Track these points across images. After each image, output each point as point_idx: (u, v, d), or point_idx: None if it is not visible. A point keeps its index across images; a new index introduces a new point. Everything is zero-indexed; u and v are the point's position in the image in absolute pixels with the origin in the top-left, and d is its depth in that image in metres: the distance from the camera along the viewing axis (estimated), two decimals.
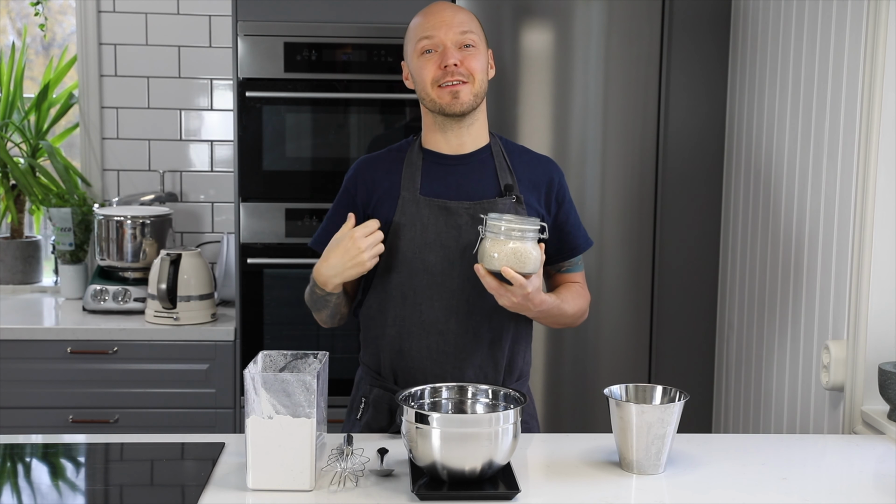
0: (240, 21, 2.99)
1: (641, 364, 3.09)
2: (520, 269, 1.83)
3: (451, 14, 2.02)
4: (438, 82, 1.99)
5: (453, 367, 2.01)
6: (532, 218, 1.89)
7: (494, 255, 1.83)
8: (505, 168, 2.06)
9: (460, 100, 1.99)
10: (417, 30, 2.03)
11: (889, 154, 2.11)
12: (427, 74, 2.00)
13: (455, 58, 1.98)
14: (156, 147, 3.64)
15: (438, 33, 2.00)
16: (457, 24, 2.00)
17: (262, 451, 1.65)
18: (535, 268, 1.85)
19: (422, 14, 2.05)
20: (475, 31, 2.03)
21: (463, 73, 1.98)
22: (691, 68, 3.05)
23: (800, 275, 2.47)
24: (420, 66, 2.02)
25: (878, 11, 2.09)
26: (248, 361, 2.92)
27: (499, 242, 1.84)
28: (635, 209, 3.04)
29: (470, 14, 2.06)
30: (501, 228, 1.83)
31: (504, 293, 1.86)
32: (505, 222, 1.84)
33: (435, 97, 2.00)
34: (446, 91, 1.99)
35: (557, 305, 1.99)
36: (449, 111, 2.00)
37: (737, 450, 1.93)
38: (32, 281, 3.69)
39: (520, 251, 1.83)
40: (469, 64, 1.99)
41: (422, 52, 2.01)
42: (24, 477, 1.79)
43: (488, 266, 1.85)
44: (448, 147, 2.06)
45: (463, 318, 2.00)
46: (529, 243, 1.84)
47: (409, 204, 2.01)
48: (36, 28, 3.66)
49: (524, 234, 1.84)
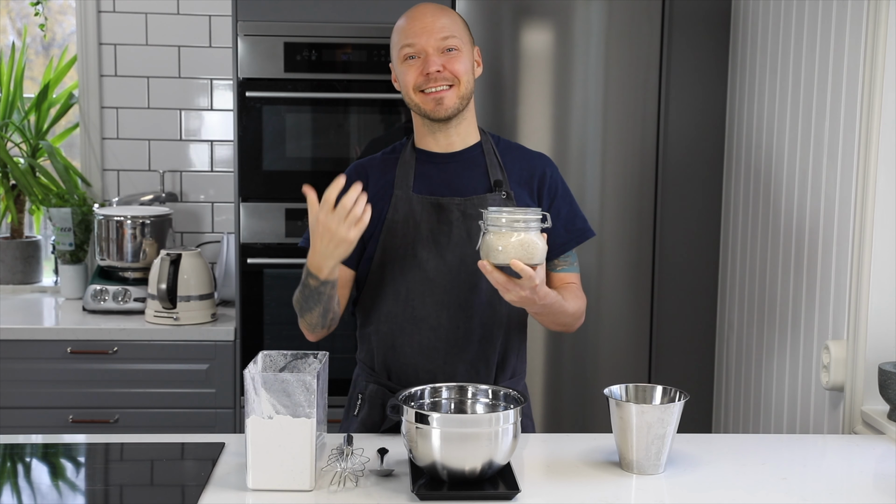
0: (240, 21, 2.99)
1: (641, 364, 3.09)
2: (528, 261, 1.78)
3: (432, 19, 2.00)
4: (421, 88, 1.99)
5: (444, 362, 2.01)
6: (533, 207, 1.87)
7: (499, 248, 1.78)
8: (496, 164, 2.06)
9: (444, 105, 1.99)
10: (399, 35, 2.03)
11: (889, 154, 2.11)
12: (409, 80, 2.00)
13: (437, 64, 1.97)
14: (156, 147, 3.64)
15: (420, 40, 1.99)
16: (438, 29, 1.99)
17: (262, 451, 1.65)
18: (542, 258, 1.81)
19: (404, 18, 2.04)
20: (457, 33, 2.01)
21: (447, 77, 1.98)
22: (691, 68, 3.05)
23: (800, 275, 2.47)
24: (403, 71, 2.02)
25: (878, 11, 2.09)
26: (248, 361, 2.92)
27: (502, 235, 1.78)
28: (635, 209, 3.04)
29: (453, 15, 2.05)
30: (503, 221, 1.78)
31: (512, 287, 1.81)
32: (506, 214, 1.79)
33: (419, 102, 2.01)
34: (430, 97, 1.99)
35: (559, 302, 1.96)
36: (434, 117, 2.01)
37: (737, 450, 1.93)
38: (32, 281, 3.69)
39: (526, 242, 1.78)
40: (453, 67, 1.99)
41: (405, 59, 2.01)
42: (24, 477, 1.79)
43: (494, 261, 1.79)
44: (438, 146, 2.07)
45: (454, 314, 2.00)
46: (534, 233, 1.79)
47: (402, 201, 2.02)
48: (36, 28, 3.66)
49: (528, 225, 1.79)
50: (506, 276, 1.80)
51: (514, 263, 1.77)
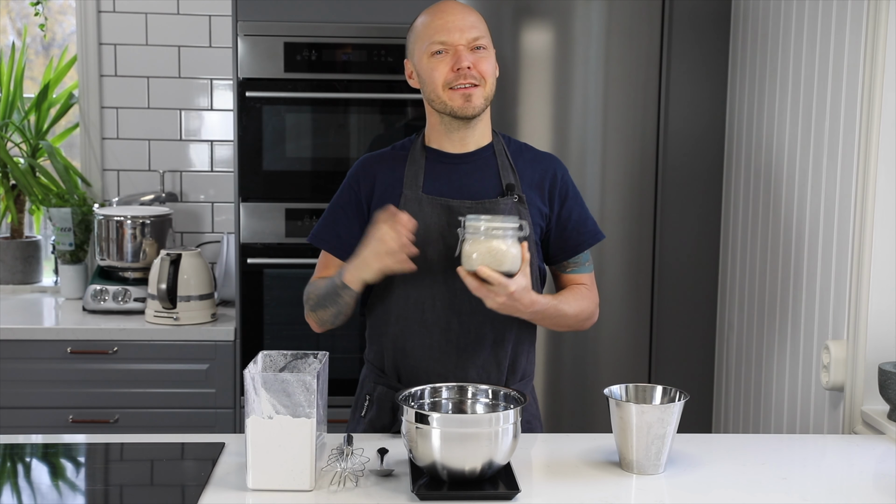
0: (240, 21, 2.99)
1: (641, 364, 3.09)
2: (496, 268, 1.80)
3: (461, 16, 1.98)
4: (450, 84, 1.97)
5: (455, 366, 2.00)
6: (510, 216, 1.87)
7: (473, 255, 1.81)
8: (507, 167, 2.05)
9: (472, 103, 1.97)
10: (427, 30, 1.99)
11: (889, 154, 2.11)
12: (438, 76, 1.97)
13: (468, 60, 1.95)
14: (156, 147, 3.64)
15: (451, 36, 1.96)
16: (468, 26, 1.98)
17: (262, 451, 1.65)
18: (514, 266, 1.82)
19: (431, 14, 2.01)
20: (484, 33, 2.01)
21: (475, 76, 1.96)
22: (691, 68, 3.05)
23: (800, 275, 2.47)
24: (431, 67, 1.98)
25: (878, 11, 2.09)
26: (248, 361, 2.92)
27: (476, 243, 1.82)
28: (635, 209, 3.04)
29: (478, 14, 2.04)
30: (481, 229, 1.81)
31: (485, 293, 1.83)
32: (484, 222, 1.82)
33: (446, 99, 1.98)
34: (458, 94, 1.97)
35: (554, 306, 1.96)
36: (461, 114, 1.98)
37: (737, 450, 1.93)
38: (32, 281, 3.69)
39: (494, 250, 1.80)
40: (480, 67, 1.97)
41: (433, 54, 1.98)
42: (24, 477, 1.79)
43: (467, 267, 1.83)
44: (451, 146, 2.05)
45: (465, 318, 1.99)
46: (506, 242, 1.81)
47: (411, 202, 2.00)
48: (36, 28, 3.66)
49: (503, 233, 1.81)
50: (478, 282, 1.83)
51: (481, 270, 1.80)
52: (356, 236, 2.02)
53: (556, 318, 2.00)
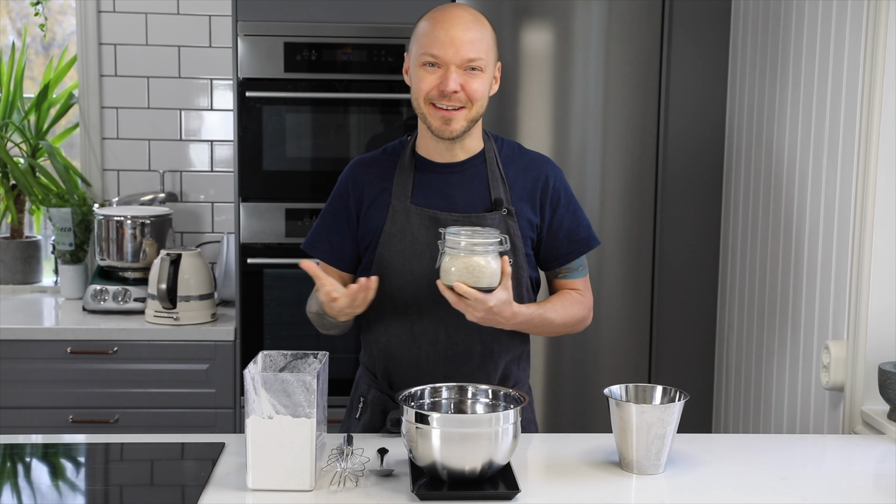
0: (240, 21, 2.99)
1: (641, 364, 3.09)
2: (475, 284, 1.79)
3: (463, 30, 1.89)
4: (433, 101, 1.91)
5: (445, 377, 1.98)
6: (492, 230, 1.84)
7: (451, 269, 1.80)
8: (498, 177, 2.00)
9: (451, 127, 1.92)
10: (425, 39, 1.91)
11: (889, 154, 2.12)
12: (423, 88, 1.91)
13: (455, 84, 1.88)
14: (156, 147, 3.64)
15: (446, 53, 1.88)
16: (466, 44, 1.88)
17: (262, 451, 1.65)
18: (493, 281, 1.80)
19: (434, 21, 1.92)
20: (483, 53, 1.91)
21: (461, 98, 1.90)
22: (691, 68, 3.05)
23: (800, 275, 2.47)
24: (419, 77, 1.93)
25: (878, 11, 2.09)
26: (248, 361, 2.92)
27: (455, 258, 1.80)
28: (635, 209, 3.04)
29: (483, 27, 1.94)
30: (461, 244, 1.80)
31: (464, 308, 1.81)
32: (464, 237, 1.80)
33: (426, 114, 1.93)
34: (439, 114, 1.91)
35: (539, 315, 1.94)
36: (438, 135, 1.94)
37: (737, 450, 1.93)
38: (32, 281, 3.69)
39: (473, 265, 1.78)
40: (470, 87, 1.90)
41: (423, 64, 1.92)
42: (24, 477, 1.79)
43: (445, 281, 1.81)
44: (440, 156, 2.00)
45: (452, 331, 1.97)
46: (485, 257, 1.79)
47: (399, 213, 1.98)
48: (36, 28, 3.65)
49: (484, 248, 1.79)
50: (456, 296, 1.81)
51: (458, 286, 1.79)
52: (348, 243, 2.03)
53: (542, 327, 1.98)
